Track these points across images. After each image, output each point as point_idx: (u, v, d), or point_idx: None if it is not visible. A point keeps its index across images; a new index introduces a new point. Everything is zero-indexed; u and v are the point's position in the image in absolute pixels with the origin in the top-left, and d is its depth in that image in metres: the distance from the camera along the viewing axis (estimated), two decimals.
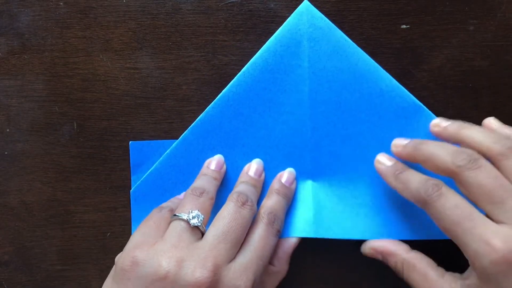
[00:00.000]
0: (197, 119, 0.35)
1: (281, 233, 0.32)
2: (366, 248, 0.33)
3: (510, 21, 0.35)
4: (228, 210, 0.30)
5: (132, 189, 0.35)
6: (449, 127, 0.32)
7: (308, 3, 0.34)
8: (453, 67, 0.35)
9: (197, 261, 0.27)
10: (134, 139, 0.36)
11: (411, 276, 0.31)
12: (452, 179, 0.29)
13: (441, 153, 0.29)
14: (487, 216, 0.28)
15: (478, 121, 0.35)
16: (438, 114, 0.35)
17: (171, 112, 0.36)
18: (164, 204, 0.33)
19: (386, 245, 0.33)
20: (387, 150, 0.33)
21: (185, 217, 0.29)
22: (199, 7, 0.35)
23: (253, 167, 0.34)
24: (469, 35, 0.35)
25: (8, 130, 0.36)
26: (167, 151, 0.35)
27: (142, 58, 0.35)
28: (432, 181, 0.29)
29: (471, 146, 0.30)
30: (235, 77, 0.34)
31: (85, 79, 0.36)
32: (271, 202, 0.33)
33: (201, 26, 0.35)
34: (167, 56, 0.35)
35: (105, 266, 0.36)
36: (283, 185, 0.34)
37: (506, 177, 0.28)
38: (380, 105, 0.34)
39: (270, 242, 0.31)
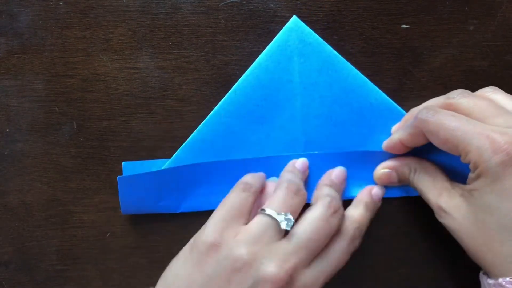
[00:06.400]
0: (189, 138, 0.35)
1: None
2: (379, 170, 0.33)
3: (510, 21, 0.35)
4: (318, 215, 0.29)
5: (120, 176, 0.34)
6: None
7: (297, 18, 0.35)
8: (453, 67, 0.35)
9: (277, 260, 0.27)
10: (134, 139, 0.36)
11: (421, 178, 0.32)
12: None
13: (434, 102, 0.31)
14: None
15: None
16: None
17: (171, 112, 0.36)
18: (247, 180, 0.32)
19: (399, 158, 0.33)
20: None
21: (277, 217, 0.29)
22: (199, 7, 0.35)
23: (335, 172, 0.34)
24: (469, 35, 0.35)
25: (8, 130, 0.36)
26: (158, 170, 0.34)
27: (142, 58, 0.35)
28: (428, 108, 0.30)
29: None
30: (227, 95, 0.35)
31: (85, 79, 0.36)
32: (360, 215, 0.32)
33: (201, 26, 0.35)
34: (167, 56, 0.35)
35: (105, 266, 0.36)
36: (373, 200, 0.33)
37: None
38: (370, 118, 0.34)
39: (346, 258, 0.30)
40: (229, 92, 0.35)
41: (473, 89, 0.35)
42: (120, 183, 0.34)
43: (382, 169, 0.33)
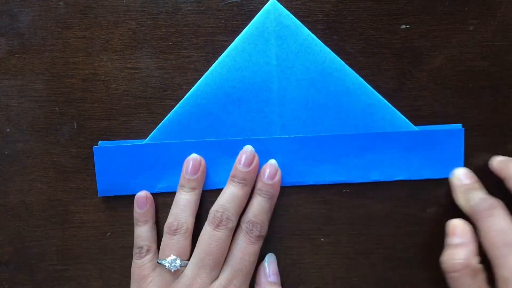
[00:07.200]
0: (165, 119, 0.35)
1: (263, 236, 0.33)
2: None
3: (510, 21, 0.35)
4: (204, 235, 0.32)
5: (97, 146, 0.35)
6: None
7: (275, 1, 0.34)
8: (453, 67, 0.35)
9: None
10: (134, 139, 0.36)
11: None
12: None
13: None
14: None
15: (478, 121, 0.35)
16: (438, 114, 0.35)
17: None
18: (140, 244, 0.34)
19: None
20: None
21: (166, 265, 0.32)
22: (199, 7, 0.35)
23: (243, 157, 0.34)
24: (469, 35, 0.35)
25: (8, 130, 0.36)
26: (134, 144, 0.35)
27: (142, 58, 0.35)
28: (490, 201, 0.31)
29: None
30: (203, 76, 0.35)
31: (85, 79, 0.36)
32: (252, 207, 0.33)
33: (201, 26, 0.35)
34: (167, 56, 0.35)
35: (105, 266, 0.36)
36: (264, 183, 0.34)
37: None
38: (347, 103, 0.35)
39: (249, 250, 0.32)
40: (205, 73, 0.35)
41: (473, 89, 0.35)
42: (96, 154, 0.34)
43: None
